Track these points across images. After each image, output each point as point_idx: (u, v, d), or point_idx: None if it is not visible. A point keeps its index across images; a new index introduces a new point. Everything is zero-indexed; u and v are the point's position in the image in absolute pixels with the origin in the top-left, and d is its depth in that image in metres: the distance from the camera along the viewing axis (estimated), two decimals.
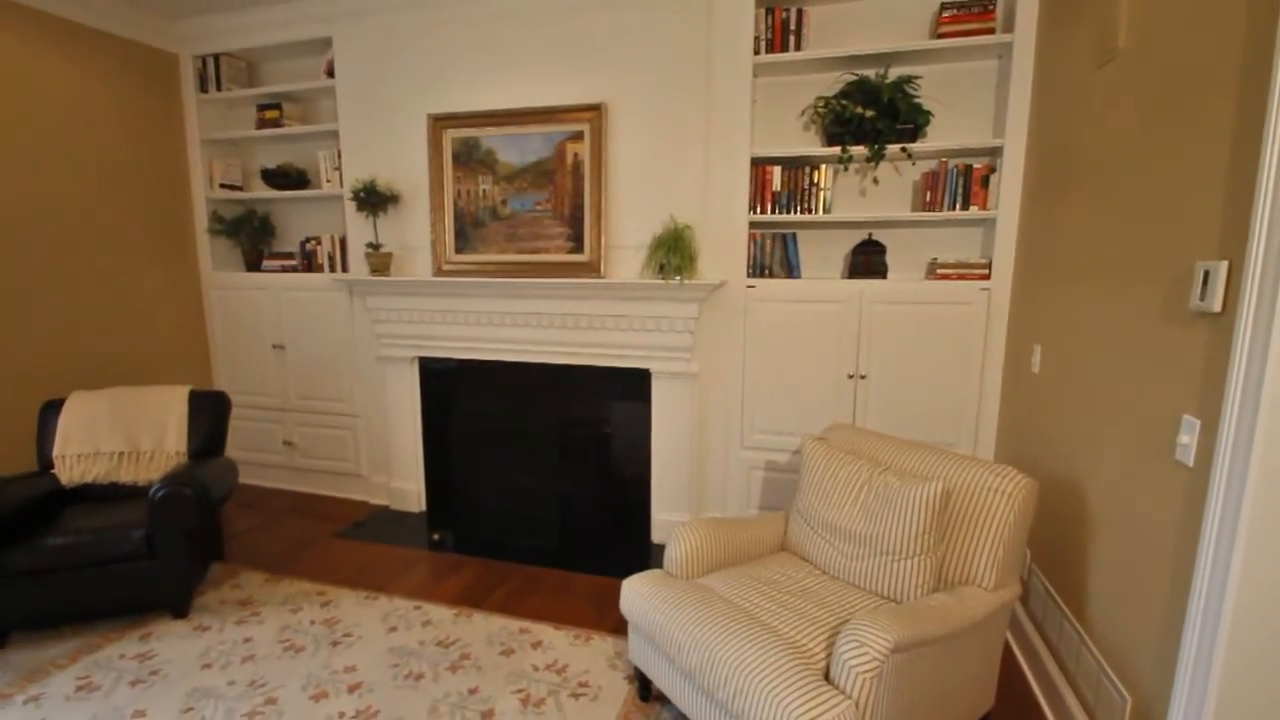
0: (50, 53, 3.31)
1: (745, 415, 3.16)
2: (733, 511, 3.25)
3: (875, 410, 2.97)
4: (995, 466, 1.97)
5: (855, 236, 3.07)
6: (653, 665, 2.03)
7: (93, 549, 2.45)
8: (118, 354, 3.70)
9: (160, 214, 3.91)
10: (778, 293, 3.02)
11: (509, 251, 3.34)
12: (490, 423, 3.63)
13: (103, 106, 3.57)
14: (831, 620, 1.83)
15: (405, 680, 2.24)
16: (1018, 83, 2.65)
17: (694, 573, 2.17)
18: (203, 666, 2.32)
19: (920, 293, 2.84)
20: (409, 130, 3.46)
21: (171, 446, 2.97)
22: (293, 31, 3.63)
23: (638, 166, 3.13)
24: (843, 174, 3.05)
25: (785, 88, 3.08)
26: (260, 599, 2.79)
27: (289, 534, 3.49)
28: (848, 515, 2.11)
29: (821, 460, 2.31)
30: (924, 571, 1.91)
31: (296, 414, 4.03)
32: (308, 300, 3.87)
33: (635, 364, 3.22)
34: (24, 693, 2.17)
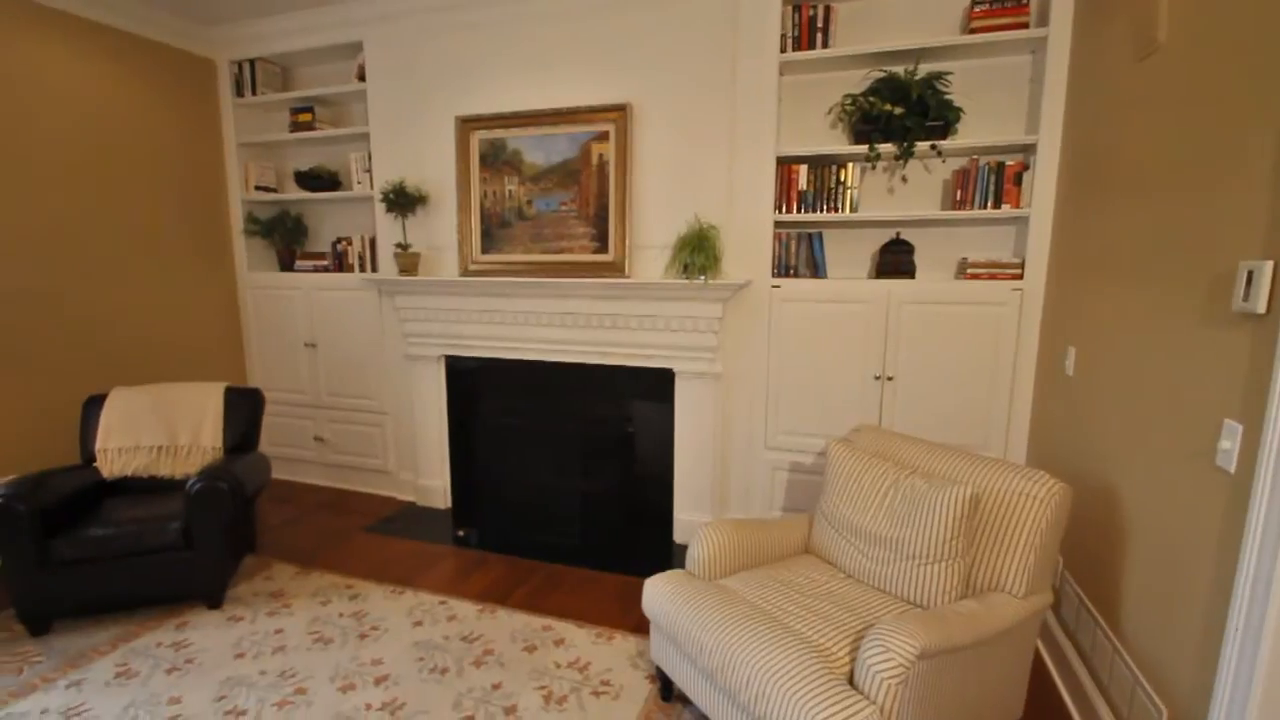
0: (95, 60, 3.43)
1: (769, 416, 3.13)
2: (756, 513, 3.23)
3: (902, 412, 2.93)
4: (1027, 471, 1.93)
5: (883, 236, 3.03)
6: (674, 665, 2.03)
7: (132, 540, 2.53)
8: (157, 351, 3.83)
9: (199, 215, 4.03)
10: (803, 293, 3.00)
11: (534, 252, 3.37)
12: (515, 421, 3.66)
13: (145, 111, 3.69)
14: (856, 624, 1.80)
15: (430, 674, 2.27)
16: (1052, 78, 2.59)
17: (716, 573, 2.16)
18: (236, 656, 2.38)
19: (950, 293, 2.79)
20: (437, 132, 3.51)
21: (208, 441, 3.06)
22: (325, 36, 3.71)
23: (662, 166, 3.13)
24: (870, 172, 3.01)
25: (812, 85, 3.05)
26: (291, 591, 2.85)
27: (319, 528, 3.57)
28: (873, 518, 2.08)
29: (847, 462, 2.28)
30: (951, 577, 1.88)
31: (327, 411, 4.12)
32: (338, 299, 3.95)
33: (659, 364, 3.22)
34: (66, 678, 2.25)
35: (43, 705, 2.10)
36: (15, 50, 3.10)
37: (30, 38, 3.15)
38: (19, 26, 3.10)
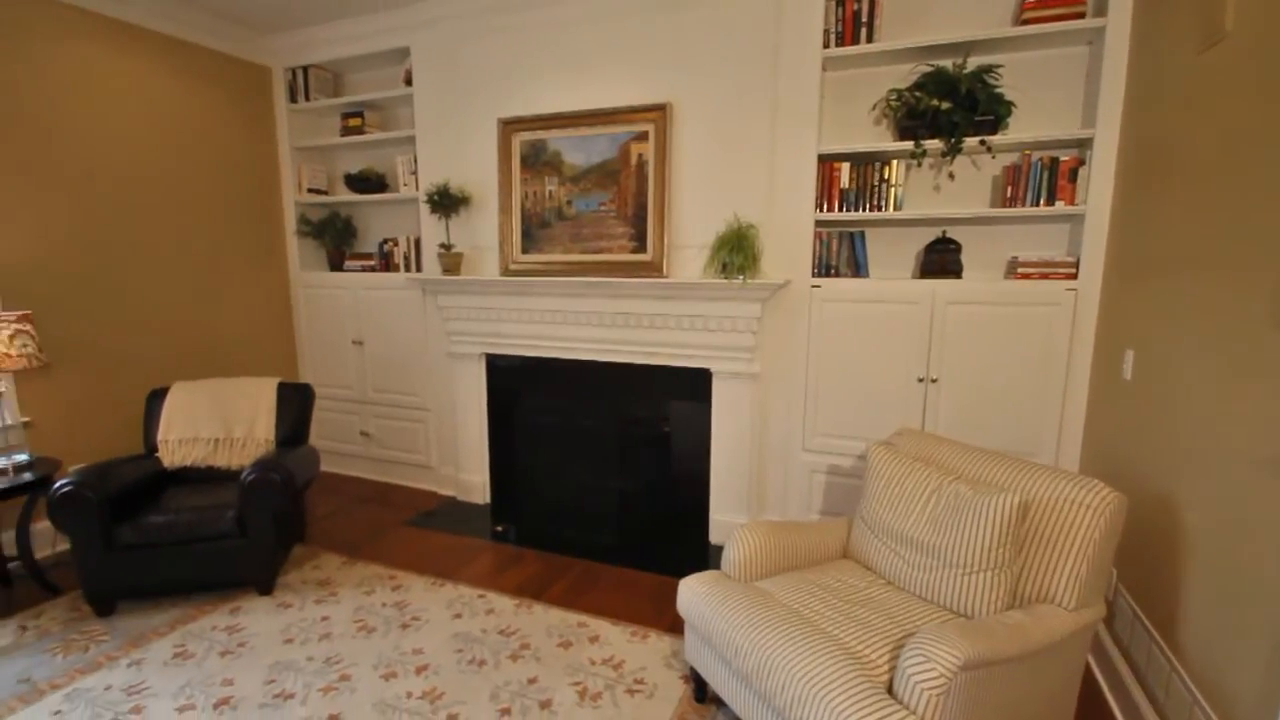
0: (160, 69, 3.61)
1: (808, 418, 3.09)
2: (793, 515, 3.19)
3: (946, 416, 2.85)
4: (1080, 479, 1.86)
5: (928, 234, 2.95)
6: (709, 666, 2.02)
7: (191, 527, 2.65)
8: (215, 347, 4.00)
9: (255, 217, 4.20)
10: (844, 292, 2.94)
11: (573, 251, 3.40)
12: (553, 419, 3.70)
13: (207, 118, 3.86)
14: (896, 632, 1.76)
15: (469, 666, 2.32)
16: (1110, 70, 2.48)
17: (752, 575, 2.14)
18: (284, 641, 2.47)
19: (999, 293, 2.70)
20: (480, 134, 3.57)
21: (261, 434, 3.18)
22: (374, 43, 3.82)
23: (701, 165, 3.12)
24: (915, 169, 2.93)
25: (855, 81, 2.99)
26: (337, 580, 2.95)
27: (365, 520, 3.67)
28: (915, 524, 2.03)
29: (888, 466, 2.23)
30: (998, 587, 1.82)
31: (373, 406, 4.24)
32: (385, 298, 4.06)
33: (696, 363, 3.21)
34: (128, 657, 2.37)
35: (107, 682, 2.23)
36: (93, 61, 3.28)
37: (106, 50, 3.33)
38: (97, 40, 3.29)
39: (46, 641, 2.46)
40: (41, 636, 2.49)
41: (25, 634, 2.50)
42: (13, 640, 2.46)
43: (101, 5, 3.29)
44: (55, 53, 3.14)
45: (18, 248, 3.04)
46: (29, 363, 2.70)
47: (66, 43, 3.18)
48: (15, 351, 2.65)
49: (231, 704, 2.12)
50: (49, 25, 3.11)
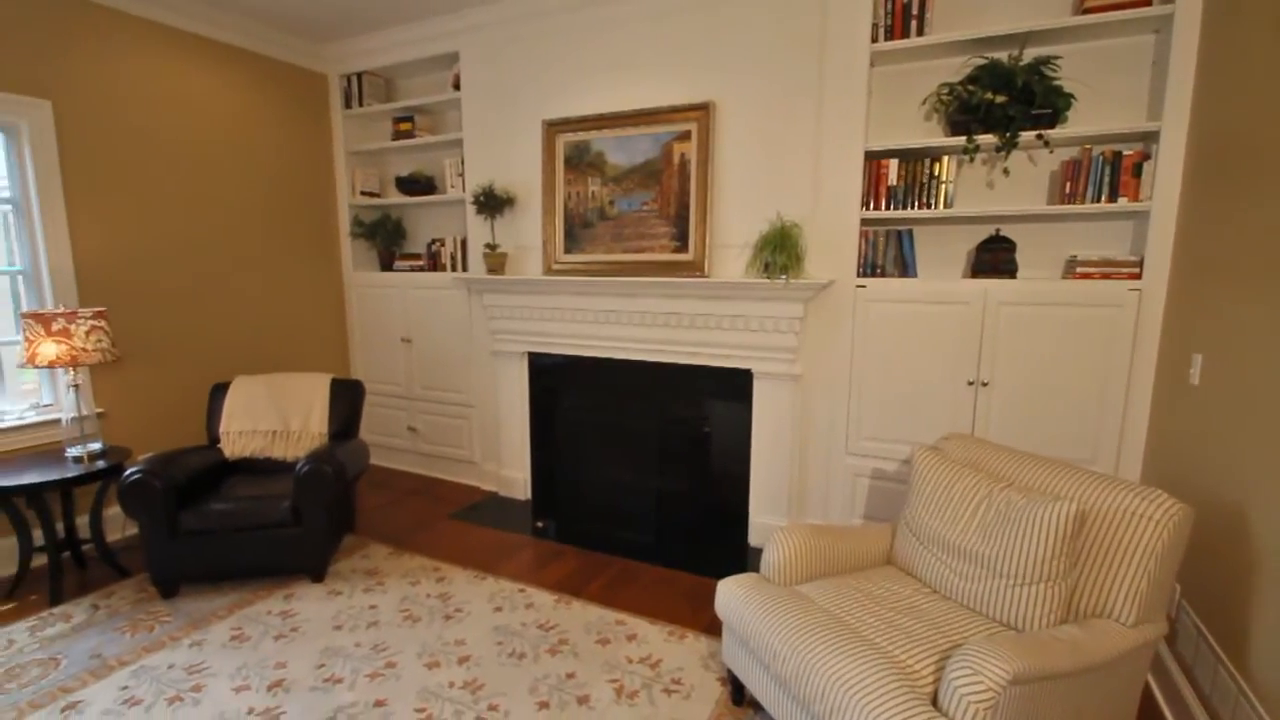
0: (225, 78, 3.79)
1: (851, 420, 3.03)
2: (834, 519, 3.14)
3: (998, 421, 2.75)
4: (1141, 489, 1.77)
5: (980, 232, 2.86)
6: (746, 669, 2.00)
7: (249, 515, 2.78)
8: (273, 343, 4.18)
9: (311, 219, 4.36)
10: (891, 292, 2.87)
11: (615, 251, 3.41)
12: (593, 417, 3.73)
13: (268, 124, 4.03)
14: (942, 643, 1.71)
15: (509, 658, 2.36)
16: (1179, 59, 2.34)
17: (792, 579, 2.11)
18: (334, 628, 2.56)
19: (1056, 293, 2.59)
20: (525, 136, 3.63)
21: (315, 428, 3.31)
22: (425, 48, 3.92)
23: (744, 164, 3.09)
24: (967, 165, 2.84)
25: (905, 76, 2.92)
26: (384, 570, 3.04)
27: (411, 512, 3.78)
28: (963, 532, 1.97)
29: (935, 471, 2.17)
30: (1051, 600, 1.74)
31: (420, 402, 4.35)
32: (432, 298, 4.16)
33: (737, 364, 3.18)
34: (190, 637, 2.50)
35: (170, 661, 2.35)
36: (166, 72, 3.47)
37: (178, 60, 3.52)
38: (170, 51, 3.48)
39: (116, 620, 2.61)
40: (111, 615, 2.64)
41: (97, 613, 2.66)
42: (86, 618, 2.62)
43: (175, 19, 3.47)
44: (132, 64, 3.34)
45: (96, 248, 3.24)
46: (103, 357, 2.87)
47: (142, 55, 3.37)
48: (91, 346, 2.82)
49: (284, 686, 2.20)
50: (127, 38, 3.31)
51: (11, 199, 3.05)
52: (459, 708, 2.10)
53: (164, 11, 3.42)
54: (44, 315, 2.72)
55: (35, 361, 2.70)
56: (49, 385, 3.19)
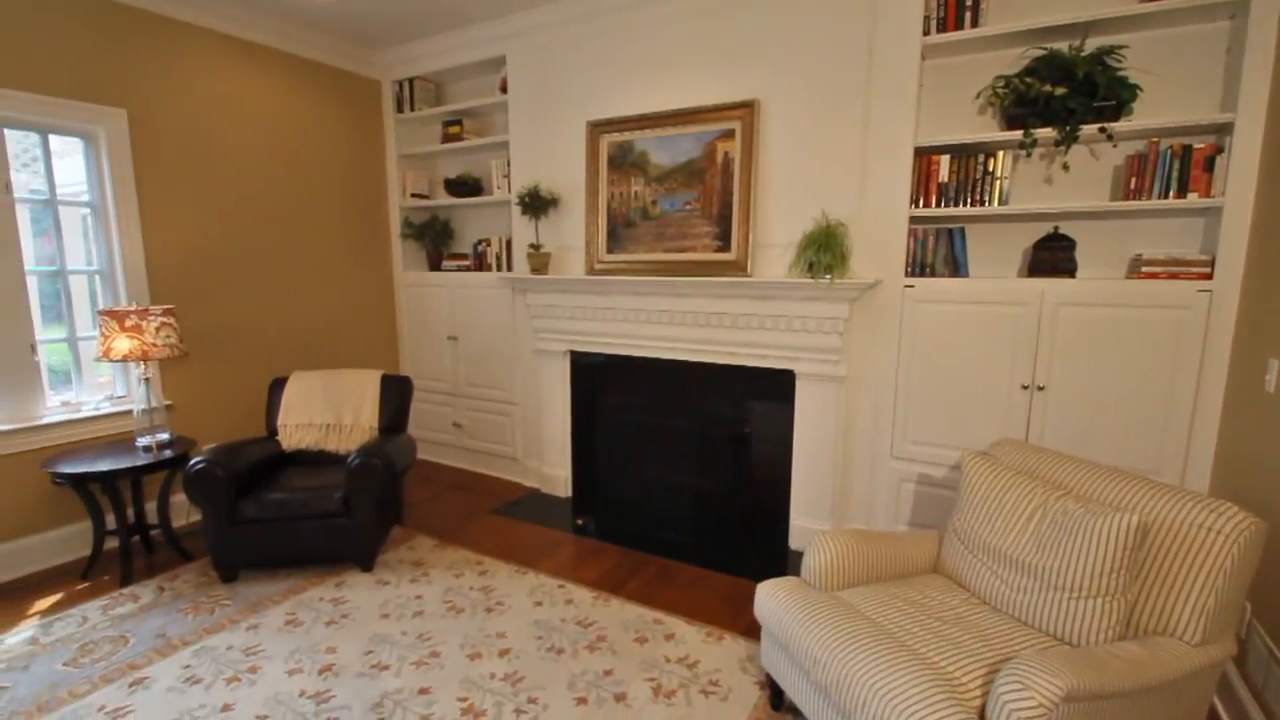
0: (284, 84, 3.95)
1: (897, 423, 2.95)
2: (878, 525, 3.06)
3: (1054, 427, 2.64)
4: (1210, 501, 1.67)
5: (1036, 230, 2.75)
6: (785, 674, 1.98)
7: (303, 505, 2.89)
8: (328, 339, 4.33)
9: (365, 221, 4.51)
10: (941, 293, 2.79)
11: (657, 251, 3.42)
12: (634, 416, 3.74)
13: (323, 128, 4.19)
14: (990, 655, 1.66)
15: (548, 653, 2.39)
16: (1257, 45, 2.20)
17: (833, 585, 2.08)
18: (382, 616, 2.64)
19: (1119, 294, 2.47)
20: (569, 137, 3.66)
21: (366, 422, 3.42)
22: (473, 53, 4.00)
23: (789, 162, 3.05)
24: (1024, 160, 2.74)
25: (958, 69, 2.83)
26: (429, 562, 3.12)
27: (455, 506, 3.86)
28: (1016, 542, 1.90)
29: (986, 478, 2.10)
30: (1109, 615, 1.67)
31: (465, 399, 4.45)
32: (478, 297, 4.24)
33: (779, 364, 3.14)
34: (247, 621, 2.62)
35: (229, 642, 2.46)
36: (229, 79, 3.64)
37: (241, 69, 3.69)
38: (233, 60, 3.64)
39: (179, 602, 2.75)
40: (176, 597, 2.79)
41: (163, 594, 2.82)
42: (153, 599, 2.78)
43: (239, 30, 3.64)
44: (199, 73, 3.51)
45: (166, 249, 3.43)
46: (171, 352, 3.03)
47: (209, 64, 3.55)
48: (160, 342, 2.98)
49: (334, 670, 2.29)
50: (195, 49, 3.48)
51: (90, 202, 3.25)
52: (499, 699, 2.14)
53: (229, 23, 3.59)
54: (118, 312, 2.89)
55: (110, 356, 2.87)
56: (122, 378, 3.39)
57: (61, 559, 3.11)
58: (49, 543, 3.07)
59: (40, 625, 2.57)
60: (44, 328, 3.13)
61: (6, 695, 2.15)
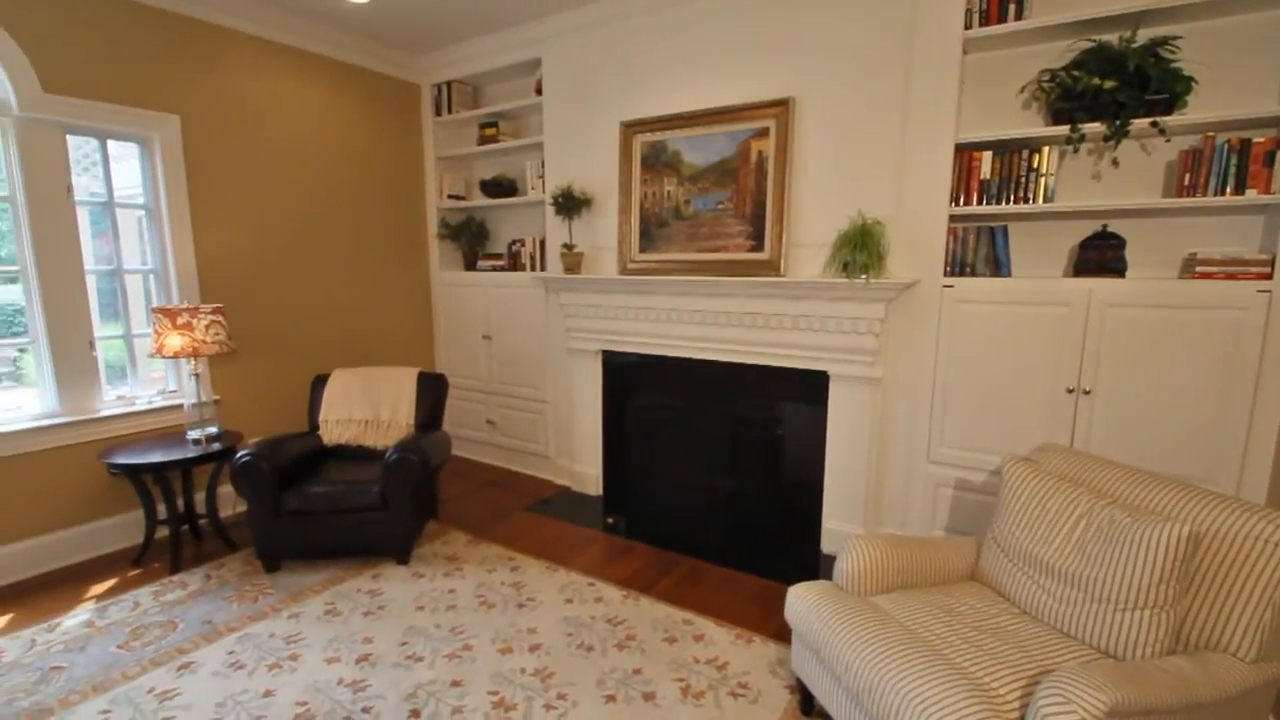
0: (329, 90, 4.06)
1: (935, 427, 2.89)
2: (914, 530, 3.00)
3: (1100, 432, 2.55)
4: (1268, 512, 1.60)
5: (1083, 228, 2.66)
6: (816, 679, 1.95)
7: (342, 498, 2.96)
8: (367, 337, 4.44)
9: (404, 222, 4.61)
10: (982, 293, 2.72)
11: (689, 250, 3.41)
12: (665, 416, 3.74)
13: (366, 132, 4.29)
14: (1030, 667, 1.61)
15: (577, 650, 2.41)
16: None
17: (867, 590, 2.04)
18: (416, 608, 2.69)
19: (1171, 294, 2.37)
20: (602, 138, 3.68)
21: (403, 418, 3.49)
22: (510, 55, 4.05)
23: (824, 160, 3.01)
24: (1071, 156, 2.65)
25: (1001, 63, 2.75)
26: (463, 556, 3.17)
27: (488, 503, 3.92)
28: (1058, 551, 1.85)
29: (1028, 484, 2.04)
30: (1157, 628, 1.61)
31: (499, 397, 4.51)
32: (511, 296, 4.30)
33: (812, 365, 3.11)
34: (288, 609, 2.70)
35: (271, 630, 2.54)
36: (277, 85, 3.76)
37: (287, 75, 3.80)
38: (280, 66, 3.76)
39: (225, 590, 2.85)
40: (221, 585, 2.89)
41: (209, 582, 2.92)
42: (200, 586, 2.88)
43: (286, 37, 3.76)
44: (247, 80, 3.63)
45: (215, 249, 3.56)
46: (220, 349, 3.14)
47: (257, 71, 3.67)
48: (210, 339, 3.09)
49: (370, 660, 2.34)
50: (244, 56, 3.60)
51: (145, 204, 3.39)
52: (529, 694, 2.16)
53: (277, 30, 3.70)
54: (170, 310, 3.01)
55: (163, 352, 2.99)
56: (174, 374, 3.53)
57: (116, 546, 3.26)
58: (104, 530, 3.22)
59: (96, 609, 2.69)
60: (102, 324, 3.28)
61: (64, 675, 2.26)
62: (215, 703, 2.12)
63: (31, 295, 2.98)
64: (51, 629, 2.54)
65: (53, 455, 3.03)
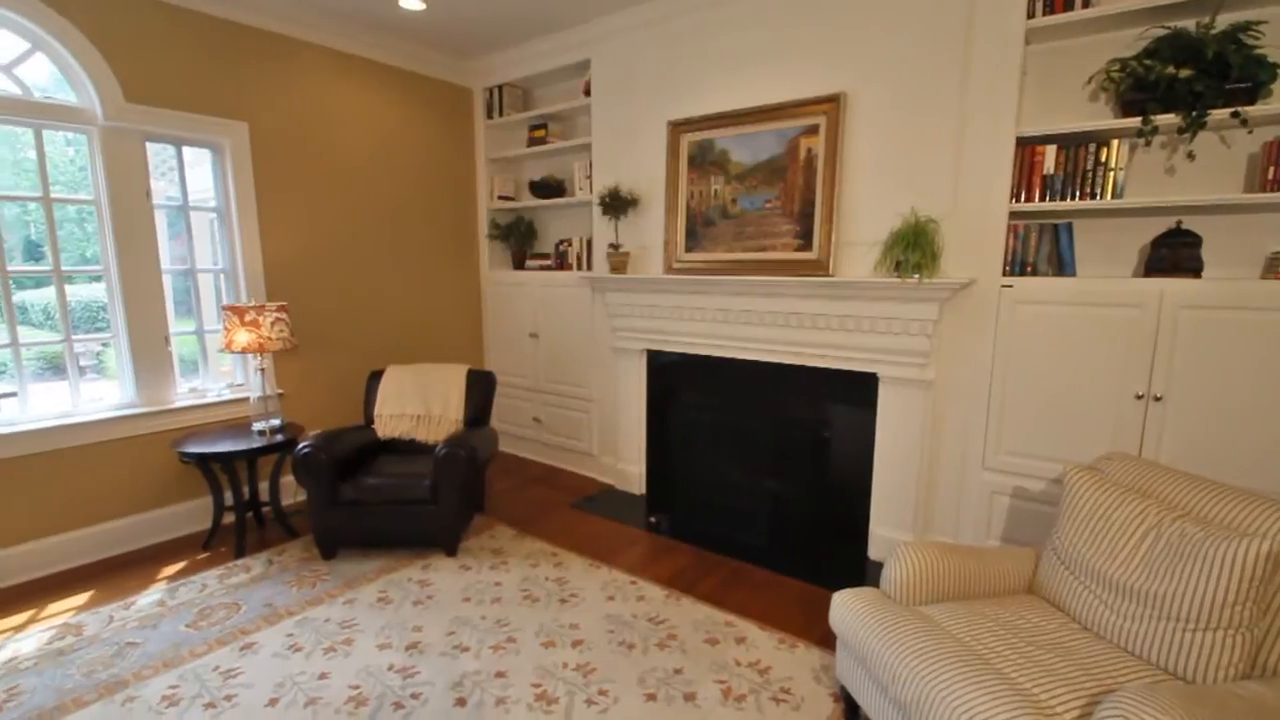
0: (385, 95, 4.20)
1: (990, 432, 2.78)
2: (966, 539, 2.90)
3: (1172, 441, 2.40)
4: None
5: (1155, 226, 2.51)
6: (861, 688, 1.91)
7: (395, 490, 3.06)
8: (419, 335, 4.57)
9: (455, 223, 4.73)
10: (1043, 293, 2.60)
11: (736, 250, 3.38)
12: (709, 416, 3.72)
13: (420, 136, 4.42)
14: (1090, 685, 1.54)
15: (619, 647, 2.42)
16: None
17: (916, 599, 1.99)
18: (463, 600, 2.76)
19: (1252, 296, 2.22)
20: (649, 138, 3.69)
21: (453, 414, 3.58)
22: (560, 58, 4.10)
23: (876, 157, 2.94)
24: (1142, 150, 2.51)
25: (1066, 53, 2.63)
26: (508, 550, 3.23)
27: (533, 499, 3.98)
28: (1124, 565, 1.76)
29: (1092, 494, 1.95)
30: (1231, 650, 1.51)
31: (544, 395, 4.57)
32: (558, 295, 4.35)
33: (861, 367, 3.04)
34: (344, 596, 2.80)
35: (327, 615, 2.65)
36: (338, 91, 3.91)
37: (347, 81, 3.95)
38: (341, 73, 3.91)
39: (285, 575, 2.98)
40: (282, 570, 3.03)
41: (271, 567, 3.06)
42: (262, 570, 3.03)
43: (347, 45, 3.91)
44: (310, 86, 3.79)
45: (280, 249, 3.73)
46: (284, 345, 3.29)
47: (319, 78, 3.83)
48: (275, 335, 3.24)
49: (419, 648, 2.41)
50: (308, 64, 3.76)
51: (216, 207, 3.58)
52: (571, 688, 2.19)
53: (337, 39, 3.85)
54: (239, 308, 3.17)
55: (231, 347, 3.15)
56: (241, 368, 3.71)
57: (187, 530, 3.45)
58: (176, 515, 3.42)
59: (167, 589, 2.86)
60: (176, 321, 3.48)
61: (139, 650, 2.41)
62: (275, 683, 2.22)
63: (113, 293, 3.18)
64: (127, 607, 2.71)
65: (130, 444, 3.23)
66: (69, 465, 3.05)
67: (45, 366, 3.28)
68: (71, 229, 3.25)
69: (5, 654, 2.38)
